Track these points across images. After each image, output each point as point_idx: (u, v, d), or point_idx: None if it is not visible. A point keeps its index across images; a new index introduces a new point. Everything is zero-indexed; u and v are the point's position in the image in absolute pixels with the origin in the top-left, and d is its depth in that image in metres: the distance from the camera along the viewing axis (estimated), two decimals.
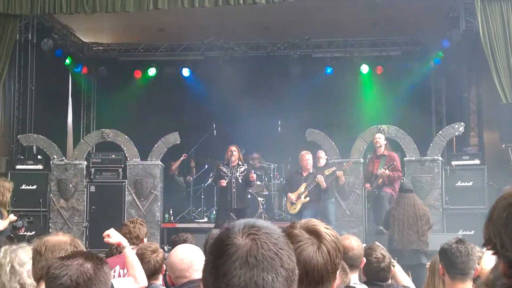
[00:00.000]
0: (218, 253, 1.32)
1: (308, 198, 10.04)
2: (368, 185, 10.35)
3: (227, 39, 13.71)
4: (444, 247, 3.65)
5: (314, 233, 1.75)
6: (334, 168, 10.37)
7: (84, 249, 2.87)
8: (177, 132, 11.61)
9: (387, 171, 9.82)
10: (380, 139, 10.32)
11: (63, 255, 2.45)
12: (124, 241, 4.19)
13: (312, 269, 1.68)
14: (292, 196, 10.17)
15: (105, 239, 4.22)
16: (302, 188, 10.08)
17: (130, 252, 4.12)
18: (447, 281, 3.63)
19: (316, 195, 10.10)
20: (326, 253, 1.71)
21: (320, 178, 9.98)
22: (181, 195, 13.06)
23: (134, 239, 5.12)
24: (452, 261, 3.57)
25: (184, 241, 5.25)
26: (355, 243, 4.27)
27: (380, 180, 9.96)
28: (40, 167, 11.39)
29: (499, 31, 9.70)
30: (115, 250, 5.24)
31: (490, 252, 1.26)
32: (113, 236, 4.17)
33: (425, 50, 13.56)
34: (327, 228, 1.81)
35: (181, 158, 13.21)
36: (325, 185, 10.09)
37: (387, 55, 14.06)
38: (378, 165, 10.19)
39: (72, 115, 14.48)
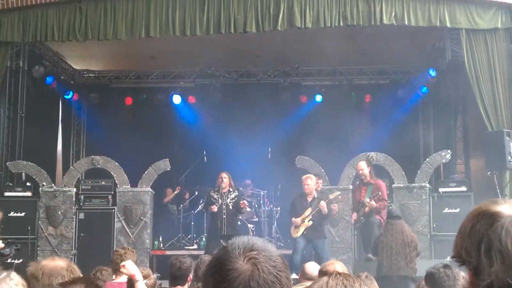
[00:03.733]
0: (220, 277, 1.36)
1: (311, 222, 10.00)
2: (354, 215, 10.39)
3: (218, 67, 13.85)
4: (432, 271, 3.72)
5: None
6: (338, 192, 10.27)
7: (80, 274, 2.88)
8: (168, 159, 11.65)
9: (373, 202, 9.87)
10: (364, 169, 10.30)
11: (62, 281, 2.46)
12: (138, 275, 4.17)
13: None
14: (298, 220, 10.09)
15: (120, 269, 4.24)
16: (307, 212, 10.01)
17: (142, 286, 4.14)
18: None
19: (319, 220, 10.03)
20: None
21: (323, 204, 9.88)
22: (170, 222, 13.04)
23: None
24: (439, 285, 3.63)
25: (179, 267, 5.23)
26: (339, 268, 4.33)
27: (367, 208, 10.02)
28: (29, 194, 11.33)
29: (483, 61, 9.89)
30: (98, 272, 5.28)
31: (458, 264, 1.36)
32: (128, 267, 4.16)
33: (413, 79, 13.76)
34: None
35: (175, 192, 13.27)
36: (326, 211, 9.99)
37: (376, 84, 14.25)
38: (365, 192, 10.24)
39: (62, 142, 14.48)
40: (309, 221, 9.97)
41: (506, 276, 1.26)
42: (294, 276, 9.05)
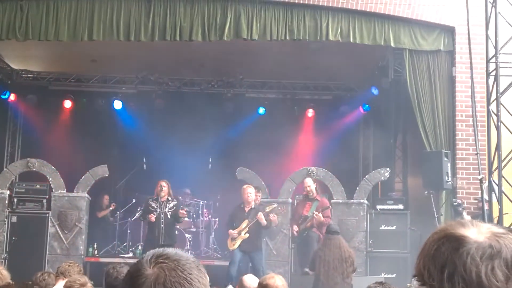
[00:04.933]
0: (129, 285, 1.39)
1: (248, 235, 9.96)
2: (295, 227, 10.40)
3: (161, 74, 13.69)
4: None
5: None
6: (275, 205, 10.30)
7: (8, 279, 2.73)
8: (106, 165, 11.41)
9: (320, 215, 9.95)
10: (310, 185, 10.42)
11: None
12: None
13: None
14: (234, 232, 10.03)
15: None
16: (244, 224, 9.99)
17: None
18: None
19: (256, 232, 10.02)
20: None
21: (260, 215, 9.91)
22: (106, 229, 12.76)
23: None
24: None
25: (116, 277, 5.10)
26: (279, 282, 4.31)
27: (309, 223, 10.07)
28: None
29: (425, 82, 10.12)
30: (45, 275, 5.25)
31: (419, 283, 1.34)
32: None
33: (355, 96, 13.96)
34: None
35: (110, 208, 12.98)
36: (265, 223, 10.00)
37: (319, 99, 14.39)
38: (309, 207, 10.31)
39: None
40: (245, 233, 9.94)
41: None
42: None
